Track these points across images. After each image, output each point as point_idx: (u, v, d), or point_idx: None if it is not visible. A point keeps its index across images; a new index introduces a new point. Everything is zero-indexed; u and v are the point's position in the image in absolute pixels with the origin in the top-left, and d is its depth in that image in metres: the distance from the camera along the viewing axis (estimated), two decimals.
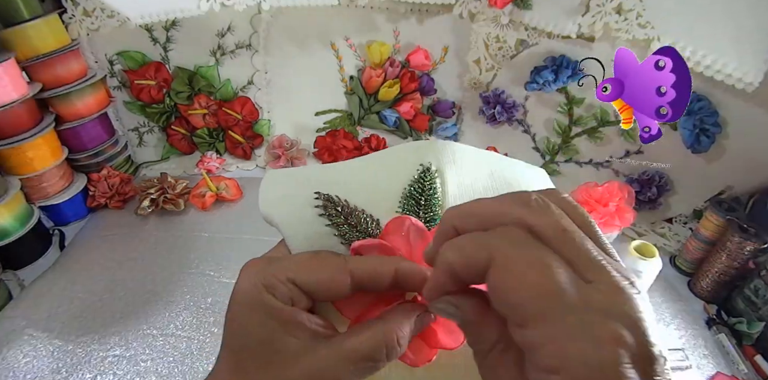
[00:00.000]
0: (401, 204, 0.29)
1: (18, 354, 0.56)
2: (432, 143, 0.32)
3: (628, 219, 0.75)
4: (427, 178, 0.30)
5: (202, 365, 0.57)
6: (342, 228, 0.28)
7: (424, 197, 0.29)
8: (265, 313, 0.23)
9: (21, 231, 0.70)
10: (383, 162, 0.32)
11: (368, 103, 0.99)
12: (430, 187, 0.30)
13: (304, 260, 0.25)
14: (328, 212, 0.28)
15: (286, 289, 0.23)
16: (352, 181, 0.30)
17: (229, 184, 0.86)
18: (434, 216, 0.29)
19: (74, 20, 0.75)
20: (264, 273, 0.24)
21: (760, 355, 0.61)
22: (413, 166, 0.30)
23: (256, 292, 0.23)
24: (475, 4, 0.82)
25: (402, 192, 0.30)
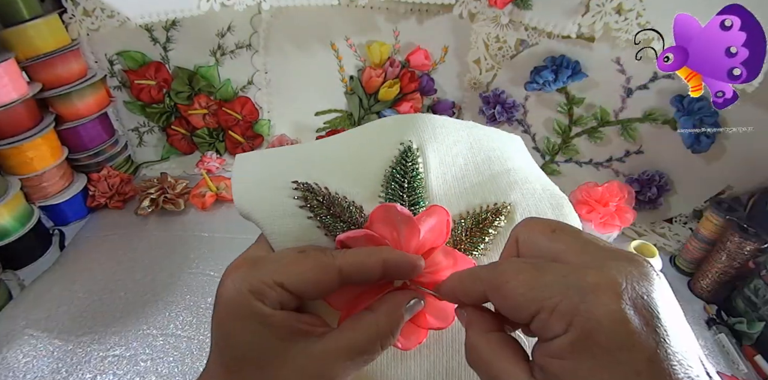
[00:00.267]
0: (384, 187, 0.29)
1: (18, 354, 0.56)
2: (410, 117, 0.31)
3: (628, 219, 0.75)
4: (409, 158, 0.29)
5: (202, 365, 0.57)
6: (325, 219, 0.27)
7: (407, 179, 0.29)
8: (257, 321, 0.22)
9: (21, 231, 0.70)
10: (362, 141, 0.30)
11: (368, 103, 0.99)
12: (412, 169, 0.29)
13: (291, 261, 0.24)
14: (309, 203, 0.27)
15: (275, 294, 0.23)
16: (329, 164, 0.29)
17: (229, 184, 0.86)
18: (417, 199, 0.29)
19: (74, 20, 0.75)
20: (250, 278, 0.23)
21: (760, 355, 0.60)
22: (394, 145, 0.29)
23: (243, 300, 0.22)
24: (475, 4, 0.82)
25: (384, 174, 0.29)
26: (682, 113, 0.71)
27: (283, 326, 0.23)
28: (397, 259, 0.24)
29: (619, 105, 0.78)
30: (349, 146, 0.30)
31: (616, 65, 0.75)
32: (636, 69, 0.74)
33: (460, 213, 0.30)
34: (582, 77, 0.78)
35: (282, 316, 0.23)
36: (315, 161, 0.29)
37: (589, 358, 0.17)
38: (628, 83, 0.76)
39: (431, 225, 0.27)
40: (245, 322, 0.22)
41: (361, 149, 0.30)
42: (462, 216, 0.29)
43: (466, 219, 0.29)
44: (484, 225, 0.29)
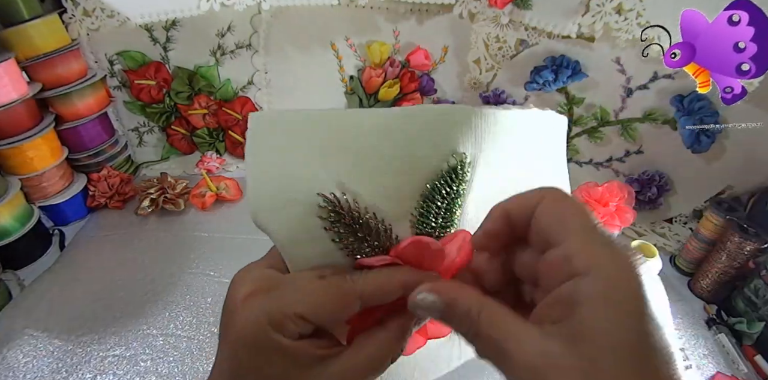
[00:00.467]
0: (418, 205, 0.25)
1: (18, 354, 0.56)
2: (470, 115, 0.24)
3: (628, 219, 0.75)
4: (458, 177, 0.25)
5: (202, 365, 0.57)
6: (350, 243, 0.25)
7: (447, 200, 0.25)
8: (276, 354, 0.22)
9: (21, 231, 0.70)
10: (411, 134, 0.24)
11: (368, 103, 0.99)
12: (457, 190, 0.25)
13: (310, 291, 0.23)
14: (335, 226, 0.24)
15: (295, 327, 0.22)
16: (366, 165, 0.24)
17: (229, 184, 0.86)
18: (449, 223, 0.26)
19: (74, 20, 0.75)
20: (268, 309, 0.22)
21: (760, 355, 0.60)
22: (445, 154, 0.24)
23: (262, 332, 0.22)
24: (475, 4, 0.82)
25: (424, 188, 0.25)
26: (682, 113, 0.71)
27: (303, 355, 0.23)
28: (417, 282, 0.23)
29: (619, 105, 0.78)
30: (393, 140, 0.24)
31: (616, 65, 0.75)
32: (636, 69, 0.74)
33: None
34: (582, 77, 0.78)
35: (302, 346, 0.23)
36: (348, 158, 0.24)
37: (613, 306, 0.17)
38: (628, 83, 0.76)
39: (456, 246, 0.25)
40: (266, 355, 0.22)
41: (403, 150, 0.24)
42: None
43: None
44: None
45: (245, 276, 0.25)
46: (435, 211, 0.25)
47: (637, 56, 0.72)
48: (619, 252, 0.18)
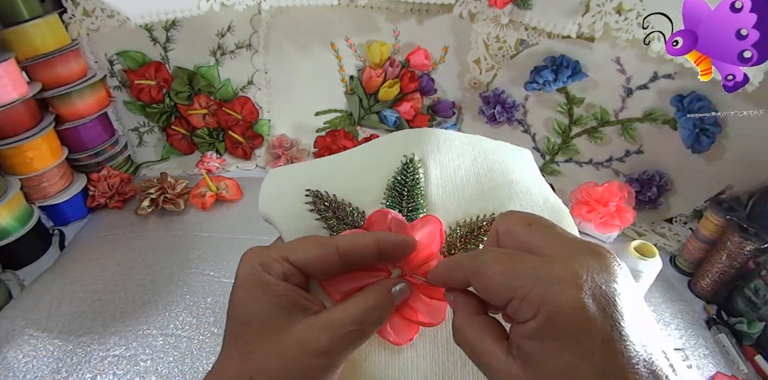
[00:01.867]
0: (386, 195, 0.31)
1: (18, 354, 0.56)
2: (418, 132, 0.33)
3: (628, 219, 0.75)
4: (410, 169, 0.32)
5: (202, 365, 0.57)
6: (330, 221, 0.30)
7: (407, 188, 0.31)
8: (261, 290, 0.25)
9: (21, 231, 0.70)
10: (371, 153, 0.33)
11: (368, 103, 0.99)
12: (412, 179, 0.31)
13: (295, 242, 0.27)
14: (317, 207, 0.31)
15: (280, 266, 0.25)
16: (340, 174, 0.32)
17: (229, 184, 0.86)
18: (416, 206, 0.31)
19: (74, 20, 0.75)
20: (261, 255, 0.26)
21: (760, 355, 0.61)
22: (397, 157, 0.32)
23: (253, 272, 0.25)
24: (475, 4, 0.82)
25: (386, 183, 0.31)
26: (682, 113, 0.71)
27: (285, 295, 0.25)
28: (390, 238, 0.27)
29: (619, 105, 0.78)
30: (360, 158, 0.33)
31: (616, 65, 0.75)
32: (636, 69, 0.74)
33: (457, 221, 0.31)
34: (582, 77, 0.78)
35: (284, 287, 0.25)
36: (328, 172, 0.32)
37: (553, 339, 0.19)
38: (628, 83, 0.76)
39: (425, 232, 0.29)
40: (252, 290, 0.25)
41: (369, 160, 0.33)
42: (458, 223, 0.31)
43: (462, 227, 0.31)
44: (478, 233, 0.31)
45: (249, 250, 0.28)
46: (399, 198, 0.31)
47: (637, 56, 0.72)
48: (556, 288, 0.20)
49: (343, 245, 0.26)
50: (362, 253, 0.26)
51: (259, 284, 0.25)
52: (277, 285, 0.25)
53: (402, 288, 0.27)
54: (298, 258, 0.26)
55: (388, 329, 0.28)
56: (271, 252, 0.26)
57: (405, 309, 0.28)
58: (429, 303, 0.28)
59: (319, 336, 0.24)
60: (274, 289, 0.25)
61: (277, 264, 0.25)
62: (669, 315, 0.66)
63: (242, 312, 0.25)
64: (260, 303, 0.25)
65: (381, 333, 0.28)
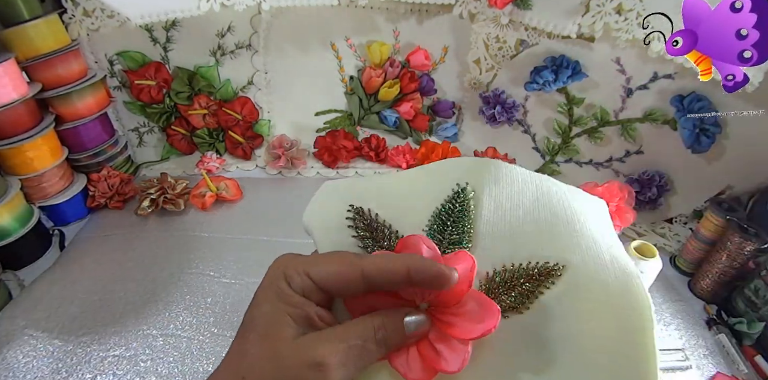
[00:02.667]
0: (429, 222, 0.30)
1: (18, 354, 0.56)
2: (478, 161, 0.31)
3: (628, 219, 0.75)
4: (460, 199, 0.30)
5: (202, 365, 0.57)
6: (366, 241, 0.29)
7: (453, 218, 0.29)
8: (276, 295, 0.25)
9: (21, 232, 0.70)
10: (424, 176, 0.32)
11: (368, 103, 0.99)
12: (461, 209, 0.29)
13: (321, 257, 0.27)
14: (356, 224, 0.30)
15: (300, 281, 0.25)
16: (388, 193, 0.31)
17: (229, 184, 0.86)
18: (459, 240, 0.28)
19: (74, 20, 0.75)
20: (288, 263, 0.26)
21: (760, 355, 0.61)
22: (450, 184, 0.30)
23: (276, 279, 0.25)
24: (475, 4, 0.82)
25: (433, 210, 0.30)
26: (682, 113, 0.71)
27: (299, 308, 0.25)
28: (421, 265, 0.24)
29: (619, 105, 0.78)
30: (413, 181, 0.32)
31: (616, 65, 0.75)
32: (636, 69, 0.74)
33: (503, 264, 0.28)
34: (582, 77, 0.78)
35: (299, 299, 0.25)
36: (376, 189, 0.32)
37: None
38: (628, 83, 0.76)
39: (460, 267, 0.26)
40: (268, 294, 0.25)
41: (420, 183, 0.31)
42: (504, 267, 0.28)
43: (507, 272, 0.27)
44: (525, 281, 0.27)
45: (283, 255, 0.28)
46: (442, 227, 0.29)
47: (637, 56, 0.72)
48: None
49: (369, 268, 0.25)
50: (390, 278, 0.25)
51: (276, 290, 0.25)
52: (292, 296, 0.25)
53: (418, 319, 0.25)
54: (318, 275, 0.25)
55: (404, 363, 0.25)
56: (296, 265, 0.26)
57: (425, 348, 0.26)
58: (452, 346, 0.25)
59: (318, 347, 0.23)
60: (290, 299, 0.25)
61: (298, 278, 0.25)
62: (669, 315, 0.66)
63: (255, 313, 0.25)
64: (272, 307, 0.25)
65: (397, 366, 0.25)
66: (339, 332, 0.24)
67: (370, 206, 0.30)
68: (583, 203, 0.31)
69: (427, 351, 0.25)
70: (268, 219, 0.81)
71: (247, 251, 0.73)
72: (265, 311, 0.25)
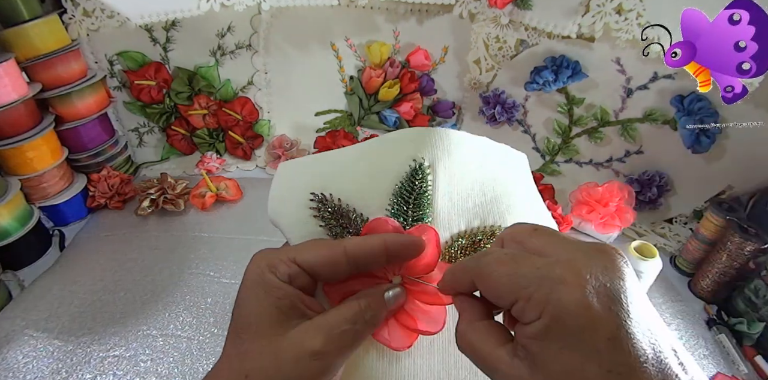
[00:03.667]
0: (391, 202, 0.30)
1: (18, 355, 0.56)
2: (429, 132, 0.32)
3: (628, 219, 0.75)
4: (418, 176, 0.30)
5: (202, 365, 0.57)
6: (334, 229, 0.30)
7: (414, 195, 0.30)
8: (264, 290, 0.25)
9: (21, 232, 0.70)
10: (380, 151, 0.32)
11: (368, 103, 0.99)
12: (420, 186, 0.30)
13: (303, 244, 0.27)
14: (321, 213, 0.30)
15: (287, 267, 0.26)
16: (347, 175, 0.31)
17: (229, 185, 0.86)
18: (422, 216, 0.30)
19: (74, 20, 0.75)
20: (269, 255, 0.26)
21: (760, 355, 0.61)
22: (406, 160, 0.31)
23: (259, 272, 0.26)
24: (475, 4, 0.82)
25: (393, 189, 0.31)
26: (682, 113, 0.71)
27: (286, 299, 0.25)
28: (397, 239, 0.27)
29: (619, 105, 0.78)
30: (368, 157, 0.32)
31: (616, 65, 0.75)
32: (636, 69, 0.74)
33: (459, 232, 0.31)
34: (582, 77, 0.78)
35: (287, 290, 0.25)
36: (335, 172, 0.31)
37: (559, 339, 0.19)
38: (628, 83, 0.76)
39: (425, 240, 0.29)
40: (255, 290, 0.25)
41: (376, 161, 0.31)
42: (460, 234, 0.31)
43: (464, 238, 0.31)
44: (477, 245, 0.31)
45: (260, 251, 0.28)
46: (405, 206, 0.30)
47: (637, 56, 0.72)
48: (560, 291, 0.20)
49: (351, 247, 0.26)
50: (370, 254, 0.26)
51: (262, 284, 0.25)
52: (279, 288, 0.25)
53: (396, 292, 0.28)
54: (306, 260, 0.26)
55: (386, 335, 0.28)
56: (279, 254, 0.26)
57: (403, 316, 0.28)
58: (427, 310, 0.28)
59: (314, 337, 0.24)
60: (276, 292, 0.25)
61: (283, 265, 0.26)
62: (669, 315, 0.66)
63: (244, 311, 0.25)
64: (261, 303, 0.25)
65: (380, 338, 0.28)
66: (330, 319, 0.25)
67: (331, 191, 0.30)
68: (511, 161, 0.35)
69: (406, 319, 0.28)
70: (268, 219, 0.81)
71: (247, 251, 0.72)
72: (254, 308, 0.25)
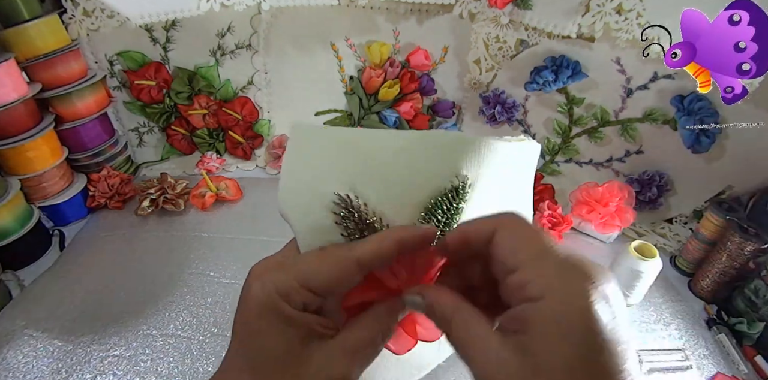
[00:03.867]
0: (421, 216, 0.28)
1: (18, 354, 0.56)
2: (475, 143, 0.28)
3: (628, 219, 0.75)
4: (458, 197, 0.28)
5: (202, 365, 0.57)
6: (351, 231, 0.27)
7: (447, 215, 0.28)
8: (283, 322, 0.24)
9: (21, 232, 0.70)
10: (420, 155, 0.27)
11: (368, 103, 0.99)
12: (456, 207, 0.28)
13: (313, 261, 0.26)
14: (345, 223, 0.27)
15: (299, 296, 0.24)
16: (379, 176, 0.27)
17: (229, 184, 0.86)
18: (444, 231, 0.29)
19: (74, 20, 0.75)
20: (277, 280, 0.24)
21: (760, 355, 0.60)
22: (449, 175, 0.27)
23: (271, 301, 0.24)
24: (475, 4, 0.82)
25: (428, 202, 0.28)
26: (682, 113, 0.71)
27: (304, 327, 0.24)
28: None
29: (619, 105, 0.78)
30: (408, 158, 0.27)
31: (616, 65, 0.75)
32: (636, 69, 0.74)
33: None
34: (582, 77, 0.78)
35: (304, 318, 0.24)
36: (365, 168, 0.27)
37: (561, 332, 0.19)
38: (628, 83, 0.76)
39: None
40: (273, 323, 0.24)
41: (417, 166, 0.27)
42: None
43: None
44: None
45: (260, 263, 0.27)
46: (435, 224, 0.28)
47: (637, 56, 0.72)
48: (571, 277, 0.20)
49: (365, 257, 0.25)
50: (384, 259, 0.25)
51: (279, 316, 0.24)
52: (297, 318, 0.24)
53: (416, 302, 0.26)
54: (320, 285, 0.24)
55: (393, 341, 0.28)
56: (288, 278, 0.24)
57: (408, 323, 0.28)
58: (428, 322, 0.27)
59: (340, 362, 0.24)
60: (296, 322, 0.24)
61: (296, 293, 0.24)
62: (669, 315, 0.66)
63: (263, 345, 0.24)
64: (281, 336, 0.24)
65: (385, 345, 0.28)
66: (353, 343, 0.25)
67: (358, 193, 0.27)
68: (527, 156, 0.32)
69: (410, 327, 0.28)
70: (268, 219, 0.81)
71: (247, 251, 0.73)
72: (277, 341, 0.24)
